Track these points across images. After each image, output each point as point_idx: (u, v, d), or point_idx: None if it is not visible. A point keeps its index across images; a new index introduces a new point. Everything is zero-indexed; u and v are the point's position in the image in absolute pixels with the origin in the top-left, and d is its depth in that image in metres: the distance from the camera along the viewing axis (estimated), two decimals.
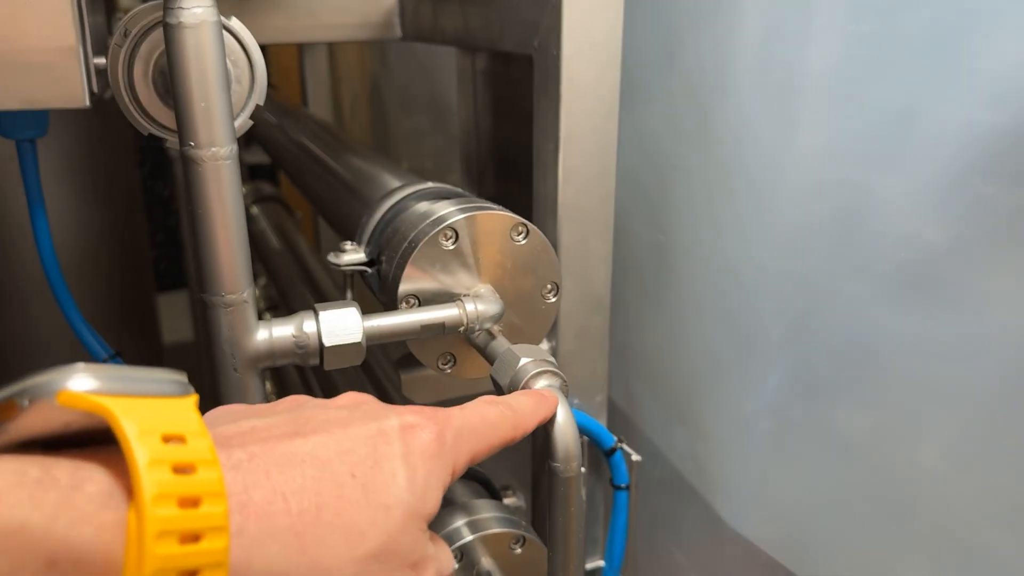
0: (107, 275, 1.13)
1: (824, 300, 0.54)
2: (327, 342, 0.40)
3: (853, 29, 0.48)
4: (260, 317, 0.41)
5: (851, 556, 0.55)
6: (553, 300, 0.49)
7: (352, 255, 0.51)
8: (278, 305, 1.38)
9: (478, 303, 0.45)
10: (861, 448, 0.54)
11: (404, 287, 0.45)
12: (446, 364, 0.48)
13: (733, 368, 0.62)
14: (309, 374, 0.95)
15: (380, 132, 1.35)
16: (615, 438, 0.62)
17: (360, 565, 0.28)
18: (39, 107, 0.53)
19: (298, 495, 0.27)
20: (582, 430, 0.59)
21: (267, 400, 0.41)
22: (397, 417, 0.31)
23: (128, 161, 1.19)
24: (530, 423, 0.38)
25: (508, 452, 0.86)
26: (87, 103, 0.58)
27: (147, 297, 1.26)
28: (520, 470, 0.71)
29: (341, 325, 0.40)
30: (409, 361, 0.57)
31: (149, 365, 0.26)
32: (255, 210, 1.24)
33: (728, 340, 0.62)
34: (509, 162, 0.77)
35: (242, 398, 0.39)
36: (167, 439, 0.24)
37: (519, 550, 0.54)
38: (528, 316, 0.49)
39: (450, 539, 0.53)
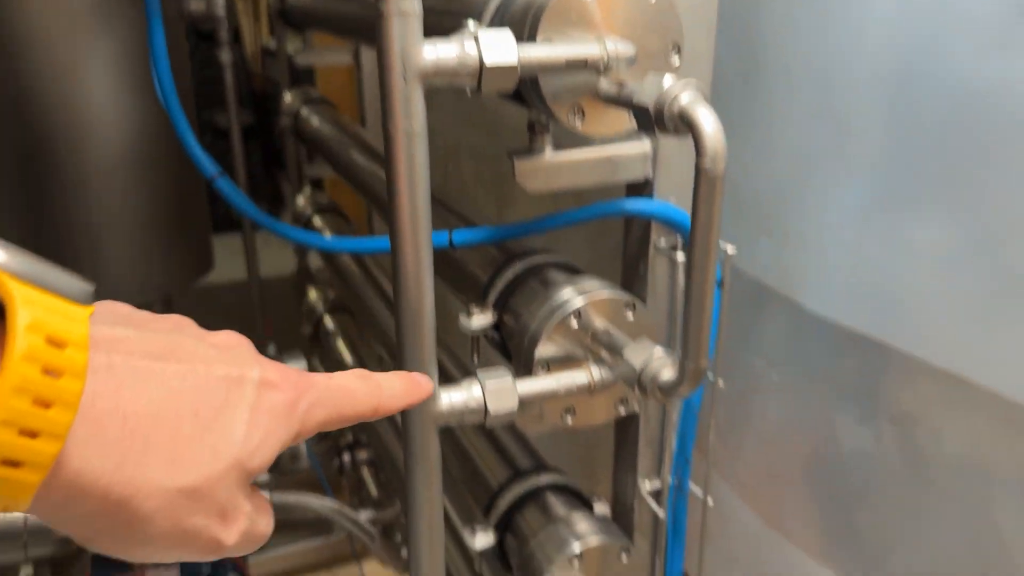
0: (160, 173, 1.14)
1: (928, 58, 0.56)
2: (487, 61, 0.43)
3: None
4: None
5: (948, 327, 0.58)
6: (678, 64, 0.52)
7: None
8: (340, 309, 1.45)
9: (616, 43, 0.47)
10: (949, 251, 0.57)
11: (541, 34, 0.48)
12: (576, 116, 0.50)
13: (822, 174, 0.64)
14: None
15: None
16: None
17: (171, 496, 0.29)
18: None
19: (137, 417, 0.28)
20: (675, 224, 0.62)
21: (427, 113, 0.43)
22: (260, 371, 0.32)
23: (184, 78, 1.21)
24: (394, 405, 0.39)
25: (585, 459, 0.88)
26: None
27: (202, 222, 1.29)
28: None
29: (499, 45, 0.43)
30: (520, 151, 0.60)
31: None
32: (317, 221, 1.33)
33: (820, 141, 0.64)
34: None
35: (407, 108, 0.42)
36: (50, 341, 0.26)
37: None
38: None
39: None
